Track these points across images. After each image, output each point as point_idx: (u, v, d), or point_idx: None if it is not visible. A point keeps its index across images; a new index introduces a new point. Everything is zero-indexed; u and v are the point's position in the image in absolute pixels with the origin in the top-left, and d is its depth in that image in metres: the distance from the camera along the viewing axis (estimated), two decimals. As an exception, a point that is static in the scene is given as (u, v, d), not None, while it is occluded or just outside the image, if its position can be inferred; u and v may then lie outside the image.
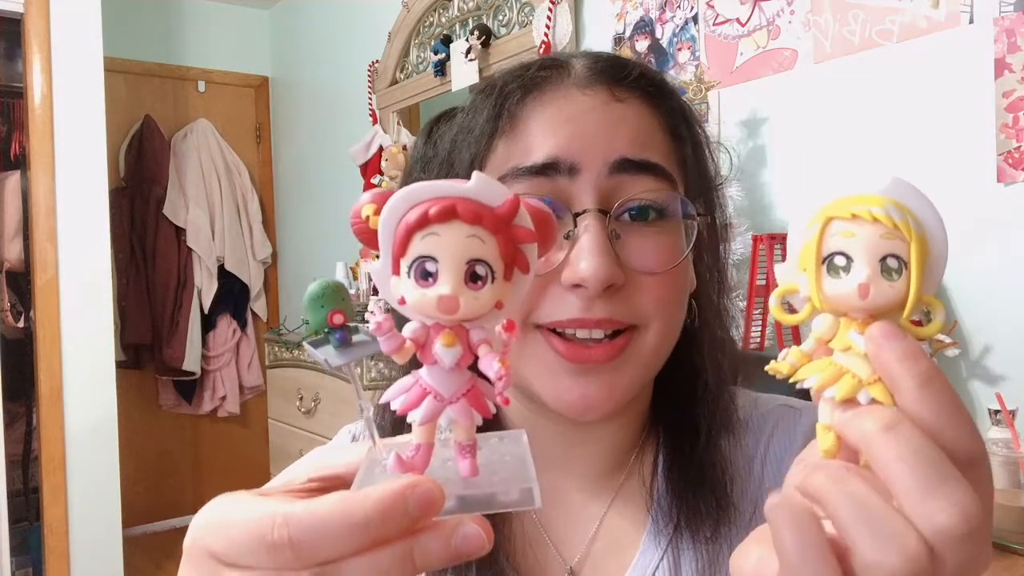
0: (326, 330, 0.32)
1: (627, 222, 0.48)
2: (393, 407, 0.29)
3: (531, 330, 0.48)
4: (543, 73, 0.50)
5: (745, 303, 1.57)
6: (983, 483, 0.27)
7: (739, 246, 1.58)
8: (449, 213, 0.28)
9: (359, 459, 0.32)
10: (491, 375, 0.29)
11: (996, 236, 1.36)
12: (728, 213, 0.56)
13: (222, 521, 0.28)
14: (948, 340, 1.34)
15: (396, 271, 0.29)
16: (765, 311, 1.59)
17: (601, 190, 0.47)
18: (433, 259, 0.28)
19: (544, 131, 0.48)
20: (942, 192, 1.42)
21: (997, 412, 1.15)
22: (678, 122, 0.52)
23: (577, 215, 0.47)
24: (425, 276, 0.28)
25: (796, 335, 1.60)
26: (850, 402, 0.28)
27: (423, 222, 0.28)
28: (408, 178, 0.58)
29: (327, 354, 0.32)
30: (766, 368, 0.31)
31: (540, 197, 0.47)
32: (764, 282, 1.58)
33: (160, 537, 3.50)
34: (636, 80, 0.50)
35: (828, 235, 0.29)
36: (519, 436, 0.34)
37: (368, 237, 0.29)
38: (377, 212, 0.29)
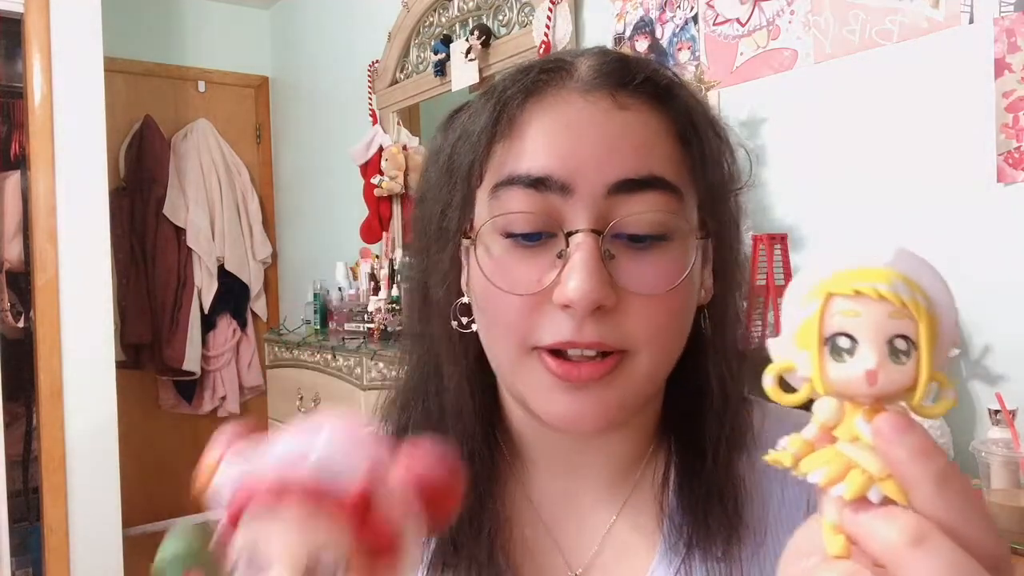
0: None
1: (623, 241, 0.46)
2: None
3: (527, 352, 0.47)
4: (544, 76, 0.49)
5: (745, 303, 1.57)
6: None
7: (739, 246, 1.58)
8: (282, 498, 0.24)
9: None
10: None
11: (996, 236, 1.36)
12: (744, 216, 0.54)
13: None
14: (948, 340, 1.33)
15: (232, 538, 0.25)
16: (765, 311, 1.59)
17: (596, 210, 0.45)
18: (263, 554, 0.24)
19: (541, 139, 0.47)
20: (942, 192, 1.42)
21: (997, 412, 1.15)
22: (687, 126, 0.49)
23: (569, 234, 0.45)
24: (257, 571, 0.24)
25: (796, 335, 1.60)
26: (860, 500, 0.26)
27: (251, 507, 0.24)
28: (425, 172, 0.56)
29: None
30: (765, 458, 0.30)
31: (530, 212, 0.46)
32: (764, 282, 1.58)
33: (160, 537, 3.43)
34: (641, 84, 0.48)
35: (830, 314, 0.27)
36: None
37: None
38: (214, 471, 0.26)
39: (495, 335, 0.48)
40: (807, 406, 0.30)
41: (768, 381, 0.29)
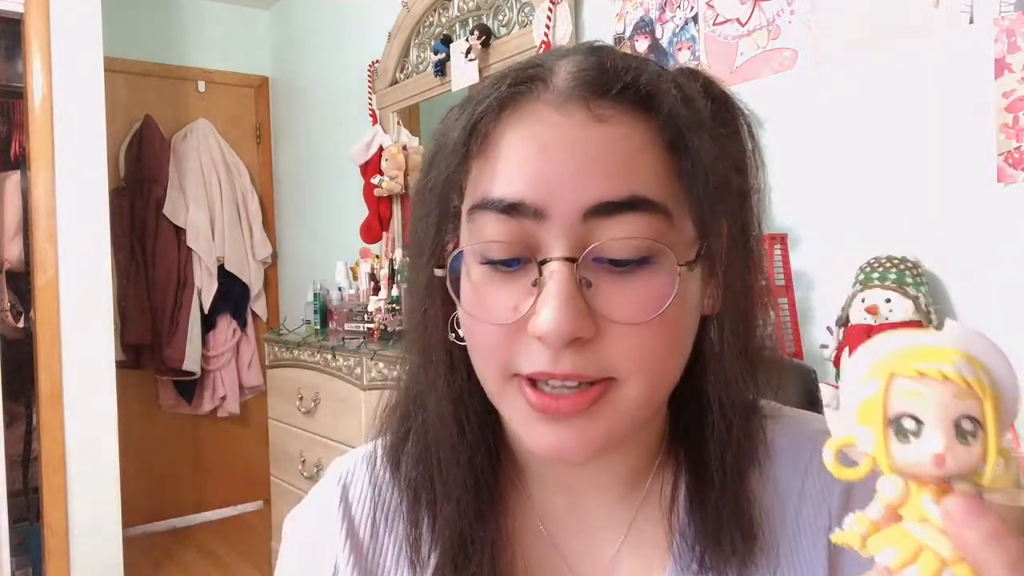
0: None
1: (603, 266, 0.43)
2: None
3: (508, 378, 0.45)
4: (520, 88, 0.45)
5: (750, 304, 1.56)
6: None
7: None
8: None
9: None
10: None
11: (996, 236, 1.36)
12: (756, 219, 0.50)
13: None
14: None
15: None
16: (766, 312, 1.58)
17: (572, 236, 0.42)
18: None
19: (514, 160, 0.44)
20: (942, 192, 1.42)
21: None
22: (676, 133, 0.45)
23: (542, 263, 0.42)
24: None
25: (797, 337, 1.60)
26: None
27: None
28: (420, 171, 0.53)
29: None
30: (831, 538, 0.31)
31: (504, 241, 0.43)
32: (765, 282, 1.57)
33: (160, 537, 3.49)
34: (621, 92, 0.44)
35: (893, 394, 0.28)
36: None
37: None
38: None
39: (477, 360, 0.47)
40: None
41: (828, 455, 0.30)
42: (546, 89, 0.45)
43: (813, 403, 1.00)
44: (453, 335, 0.49)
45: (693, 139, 0.45)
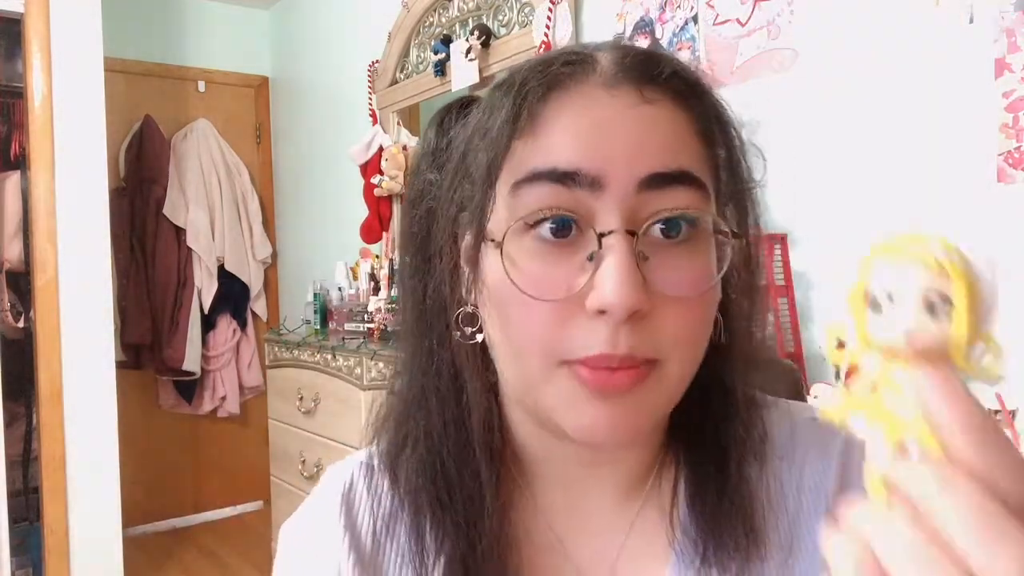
0: None
1: (655, 240, 0.44)
2: None
3: (557, 366, 0.44)
4: (566, 69, 0.46)
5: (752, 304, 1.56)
6: None
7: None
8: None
9: None
10: None
11: (996, 236, 1.36)
12: (759, 217, 0.51)
13: None
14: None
15: None
16: (765, 311, 1.59)
17: (628, 207, 0.43)
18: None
19: (567, 134, 0.44)
20: (942, 192, 1.42)
21: (997, 412, 1.15)
22: (711, 124, 0.47)
23: (602, 235, 0.43)
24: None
25: (796, 337, 1.60)
26: (900, 448, 0.28)
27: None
28: (416, 172, 0.54)
29: None
30: (814, 416, 0.31)
31: (560, 208, 0.43)
32: (764, 282, 1.58)
33: (160, 537, 3.49)
34: (668, 79, 0.46)
35: (872, 275, 0.30)
36: None
37: None
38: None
39: (518, 348, 0.45)
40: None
41: (831, 342, 0.31)
42: (593, 72, 0.46)
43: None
44: (459, 333, 0.49)
45: (726, 133, 0.48)
